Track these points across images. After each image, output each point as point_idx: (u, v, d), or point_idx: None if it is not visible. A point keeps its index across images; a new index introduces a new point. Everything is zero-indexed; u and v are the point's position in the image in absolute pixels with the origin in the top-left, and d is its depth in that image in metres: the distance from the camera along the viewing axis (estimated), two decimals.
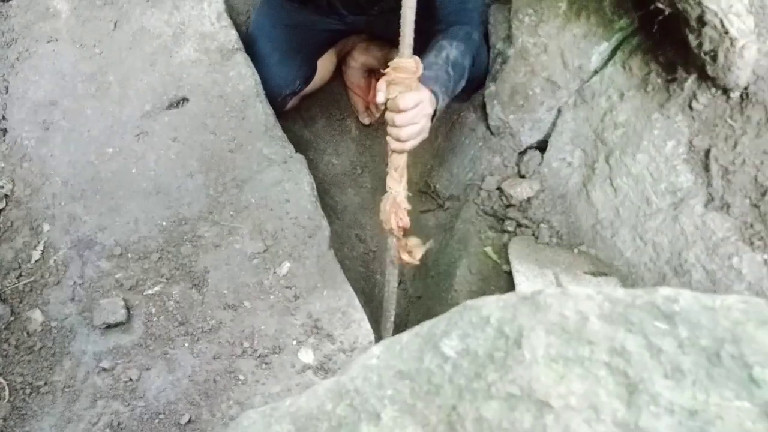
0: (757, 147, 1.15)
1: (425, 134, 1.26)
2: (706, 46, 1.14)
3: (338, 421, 0.49)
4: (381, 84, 1.19)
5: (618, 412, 0.43)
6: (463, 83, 1.49)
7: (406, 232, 1.29)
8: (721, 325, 0.45)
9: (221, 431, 1.12)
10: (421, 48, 1.35)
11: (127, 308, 1.30)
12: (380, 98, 1.20)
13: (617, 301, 0.48)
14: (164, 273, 1.35)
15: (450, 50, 1.42)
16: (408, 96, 1.17)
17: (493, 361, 0.48)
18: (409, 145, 1.23)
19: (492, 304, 0.51)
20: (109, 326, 1.28)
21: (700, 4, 1.06)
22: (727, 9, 1.05)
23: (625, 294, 0.48)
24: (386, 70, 1.17)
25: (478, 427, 0.45)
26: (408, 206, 1.25)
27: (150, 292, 1.33)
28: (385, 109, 1.22)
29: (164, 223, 1.39)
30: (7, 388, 1.25)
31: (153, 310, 1.31)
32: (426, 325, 0.54)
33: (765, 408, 0.41)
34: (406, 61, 1.15)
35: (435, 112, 1.33)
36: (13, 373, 1.27)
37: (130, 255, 1.35)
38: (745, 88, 1.16)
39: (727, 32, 1.09)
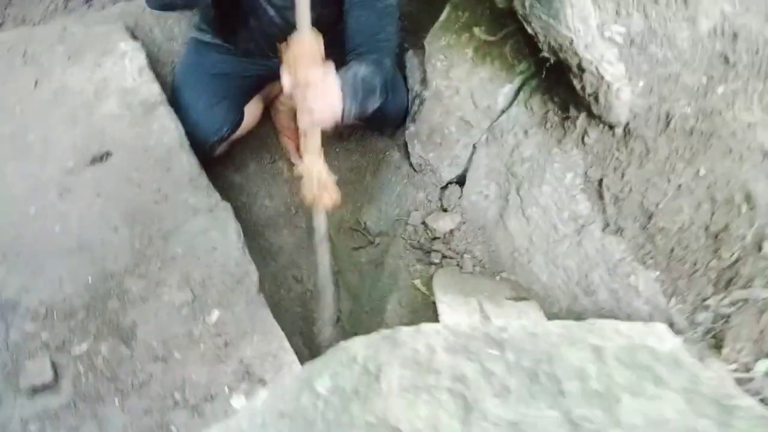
0: (641, 176, 1.30)
1: (337, 112, 1.30)
2: (588, 89, 1.29)
3: None
4: (284, 69, 1.23)
5: (455, 430, 0.53)
6: (374, 102, 1.54)
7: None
8: (540, 348, 0.56)
9: None
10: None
11: (55, 369, 1.34)
12: (286, 83, 1.24)
13: (460, 334, 0.58)
14: (91, 330, 1.39)
15: (358, 69, 1.49)
16: (314, 69, 1.21)
17: (357, 396, 0.57)
18: (319, 118, 1.28)
19: (359, 344, 0.61)
20: (36, 389, 1.31)
21: (576, 54, 1.21)
22: (599, 58, 1.20)
23: (467, 327, 0.59)
24: (285, 50, 1.22)
25: None
26: (332, 179, 1.34)
27: (77, 350, 1.37)
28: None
29: (90, 280, 1.44)
30: None
31: (81, 369, 1.35)
32: (306, 368, 0.63)
33: (568, 415, 0.52)
34: (305, 35, 1.20)
35: (343, 113, 1.39)
36: None
37: (55, 314, 1.39)
38: (627, 125, 1.31)
39: (603, 77, 1.24)
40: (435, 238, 1.75)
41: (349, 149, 2.09)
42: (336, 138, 2.04)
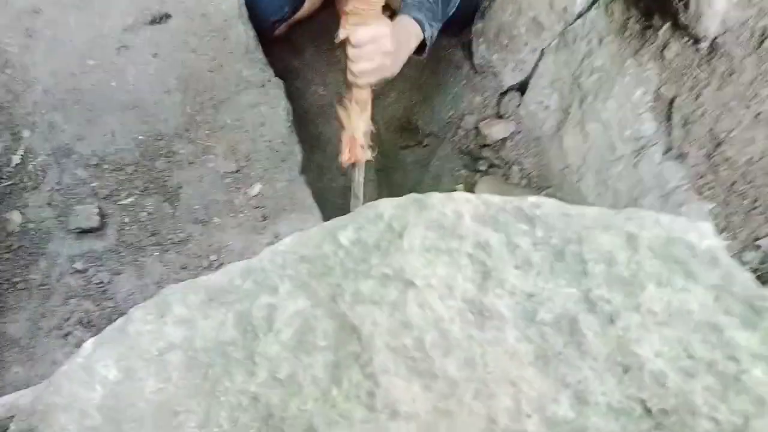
0: (718, 99, 1.22)
1: (386, 73, 1.24)
2: None
3: (244, 293, 0.59)
4: (343, 19, 1.17)
5: (469, 292, 0.53)
6: (454, 7, 1.46)
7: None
8: (571, 228, 0.55)
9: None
10: None
11: (102, 216, 1.41)
12: (340, 34, 1.17)
13: (491, 204, 0.57)
14: (138, 185, 1.45)
15: None
16: (361, 30, 1.14)
17: (379, 249, 0.58)
18: (362, 81, 1.22)
19: (388, 204, 0.60)
20: (83, 231, 1.39)
21: None
22: None
23: (499, 199, 0.58)
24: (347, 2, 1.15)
25: (354, 298, 0.55)
26: (364, 143, 1.27)
27: (124, 202, 1.44)
28: None
29: (140, 137, 1.48)
30: None
31: (126, 219, 1.42)
32: (332, 221, 0.63)
33: (586, 293, 0.51)
34: None
35: (425, 42, 1.33)
36: None
37: (106, 165, 1.45)
38: (714, 39, 1.21)
39: None
40: (485, 145, 1.71)
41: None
42: None
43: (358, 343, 0.51)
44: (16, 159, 1.45)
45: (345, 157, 1.29)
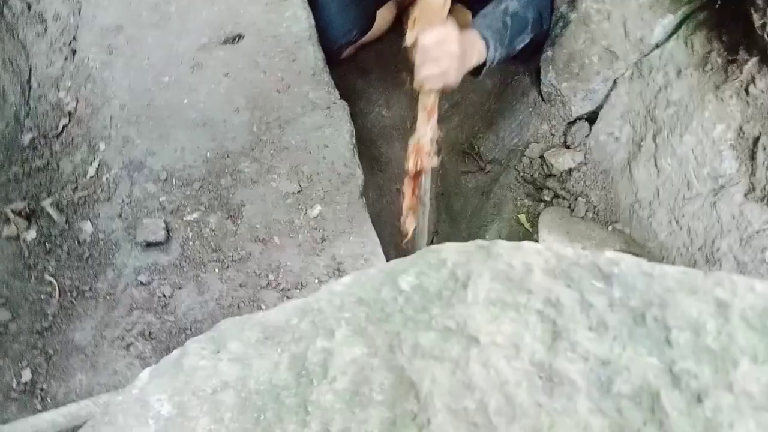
0: None
1: (451, 78, 1.22)
2: None
3: (300, 334, 0.57)
4: (409, 23, 1.17)
5: (537, 353, 0.49)
6: (526, 38, 1.44)
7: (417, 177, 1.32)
8: (653, 290, 0.50)
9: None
10: (482, 5, 1.35)
11: (167, 230, 1.44)
12: (408, 39, 1.17)
13: (563, 257, 0.53)
14: (203, 201, 1.47)
15: (510, 1, 1.38)
16: (429, 32, 1.12)
17: (441, 298, 0.54)
18: (428, 85, 1.20)
19: (451, 249, 0.57)
20: (149, 244, 1.42)
21: None
22: None
23: (572, 252, 0.53)
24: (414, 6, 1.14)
25: (414, 351, 0.52)
26: (430, 150, 1.26)
27: (189, 217, 1.46)
28: None
29: (208, 155, 1.50)
30: (57, 288, 1.42)
31: (190, 235, 1.44)
32: (392, 263, 0.60)
33: (670, 365, 0.46)
34: None
35: (485, 63, 1.31)
36: (63, 276, 1.44)
37: (174, 181, 1.48)
38: None
39: None
40: (550, 175, 1.64)
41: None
42: None
43: (416, 401, 0.48)
44: (91, 171, 1.50)
45: (411, 164, 1.29)
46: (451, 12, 1.23)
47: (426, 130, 1.25)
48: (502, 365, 0.48)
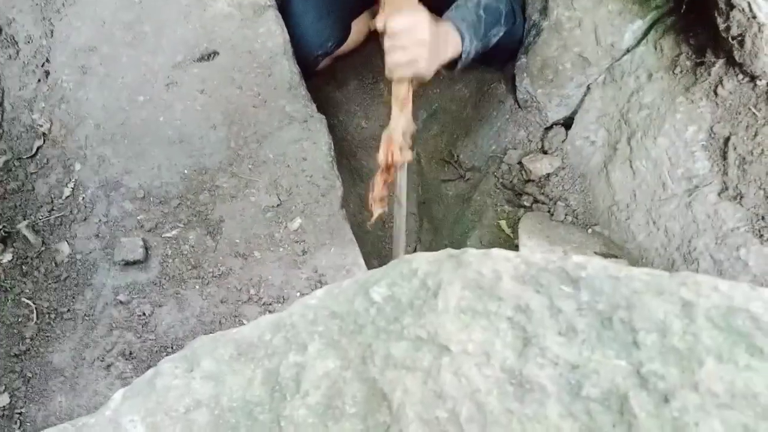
0: None
1: (421, 67, 1.17)
2: (734, 31, 1.13)
3: (273, 349, 0.57)
4: (380, 9, 1.14)
5: (508, 360, 0.49)
6: (500, 31, 1.43)
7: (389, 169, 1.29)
8: (620, 293, 0.50)
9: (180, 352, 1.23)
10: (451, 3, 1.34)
11: (146, 248, 1.43)
12: (377, 22, 1.13)
13: (532, 264, 0.54)
14: (182, 218, 1.46)
15: None
16: (397, 17, 1.08)
17: (412, 308, 0.55)
18: (398, 73, 1.17)
19: (422, 259, 0.57)
20: (127, 263, 1.41)
21: None
22: None
23: (541, 258, 0.54)
24: None
25: (386, 362, 0.52)
26: (404, 143, 1.23)
27: (168, 235, 1.45)
28: None
29: (186, 171, 1.50)
30: (35, 311, 1.41)
31: (169, 252, 1.43)
32: (365, 274, 0.61)
33: (637, 367, 0.46)
34: None
35: (461, 55, 1.29)
36: (41, 299, 1.42)
37: (152, 199, 1.47)
38: None
39: (755, 17, 1.08)
40: (529, 181, 1.66)
41: (453, 78, 2.00)
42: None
43: (389, 412, 0.48)
44: (66, 191, 1.49)
45: (381, 157, 1.25)
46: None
47: (399, 122, 1.21)
48: (473, 373, 0.48)
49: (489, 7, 1.40)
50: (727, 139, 1.23)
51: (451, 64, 1.35)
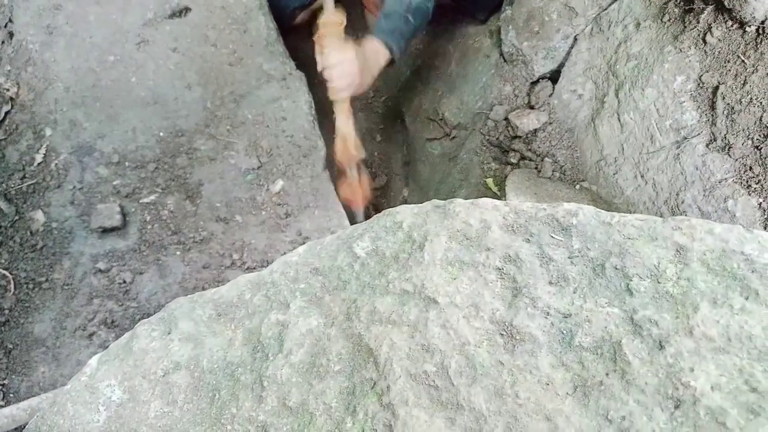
0: (767, 86, 1.13)
1: (358, 86, 1.45)
2: None
3: (253, 309, 0.55)
4: (317, 49, 1.42)
5: (497, 311, 0.47)
6: (428, 18, 1.60)
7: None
8: (612, 239, 0.49)
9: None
10: None
11: (123, 214, 1.39)
12: (318, 64, 1.42)
13: (521, 212, 0.52)
14: (160, 183, 1.42)
15: None
16: (329, 56, 1.39)
17: (397, 262, 0.53)
18: (340, 95, 1.45)
19: (407, 211, 0.55)
20: (105, 230, 1.38)
21: None
22: None
23: (530, 206, 0.52)
24: (315, 31, 1.41)
25: (371, 317, 0.50)
26: (357, 141, 1.51)
27: (146, 200, 1.42)
28: None
29: (161, 134, 1.45)
30: (12, 281, 1.37)
31: (148, 218, 1.40)
32: (348, 230, 0.58)
33: (631, 314, 0.45)
34: (329, 17, 1.38)
35: (393, 60, 1.51)
36: (17, 269, 1.38)
37: (127, 163, 1.43)
38: (762, 23, 1.12)
39: None
40: (516, 137, 1.63)
41: (436, 33, 1.95)
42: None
43: (375, 368, 0.47)
44: (38, 158, 1.44)
45: (339, 157, 1.52)
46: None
47: (349, 127, 1.48)
48: (461, 326, 0.47)
49: (418, 9, 1.53)
50: (715, 89, 1.21)
51: (390, 63, 1.56)
